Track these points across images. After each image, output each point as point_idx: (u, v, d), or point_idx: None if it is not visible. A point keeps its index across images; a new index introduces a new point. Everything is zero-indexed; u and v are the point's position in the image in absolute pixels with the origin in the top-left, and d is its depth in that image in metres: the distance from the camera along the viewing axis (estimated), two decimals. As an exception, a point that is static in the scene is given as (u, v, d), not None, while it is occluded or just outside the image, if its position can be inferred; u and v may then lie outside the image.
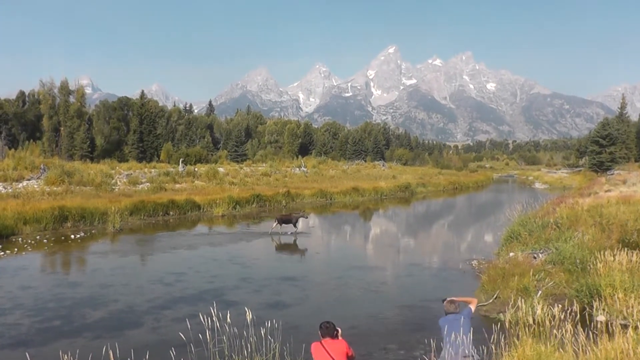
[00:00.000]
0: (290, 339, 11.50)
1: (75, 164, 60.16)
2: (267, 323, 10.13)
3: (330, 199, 54.74)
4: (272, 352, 10.53)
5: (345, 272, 22.41)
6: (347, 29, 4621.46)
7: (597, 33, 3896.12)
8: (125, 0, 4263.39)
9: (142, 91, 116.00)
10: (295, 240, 30.61)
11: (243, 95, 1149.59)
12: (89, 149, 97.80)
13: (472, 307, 9.51)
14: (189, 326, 10.93)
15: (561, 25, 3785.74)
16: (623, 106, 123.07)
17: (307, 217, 33.50)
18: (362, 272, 22.59)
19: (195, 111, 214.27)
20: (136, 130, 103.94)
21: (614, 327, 9.76)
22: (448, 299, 9.58)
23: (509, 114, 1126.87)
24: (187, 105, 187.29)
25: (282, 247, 29.02)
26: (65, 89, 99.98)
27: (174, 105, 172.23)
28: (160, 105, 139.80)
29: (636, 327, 10.02)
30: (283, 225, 32.22)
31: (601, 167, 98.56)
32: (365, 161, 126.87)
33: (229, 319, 9.75)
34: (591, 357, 9.12)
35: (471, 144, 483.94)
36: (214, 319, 9.79)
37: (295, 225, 32.18)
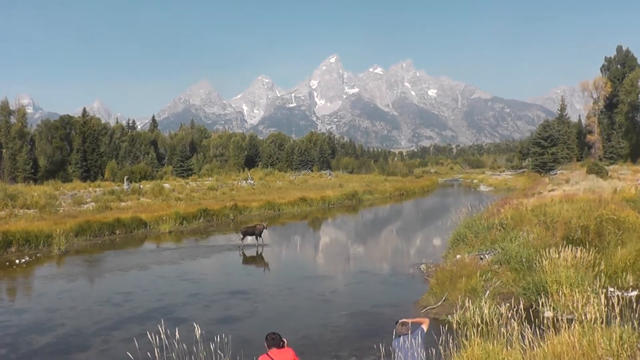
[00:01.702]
0: (240, 353, 11.43)
1: (18, 187, 58.79)
2: (217, 338, 9.99)
3: (279, 210, 54.53)
4: (222, 366, 10.42)
5: (296, 282, 22.41)
6: (287, 39, 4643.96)
7: (534, 37, 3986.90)
8: (61, 15, 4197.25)
9: (84, 109, 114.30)
10: (258, 252, 30.64)
11: (186, 110, 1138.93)
12: (32, 171, 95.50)
13: (425, 327, 9.44)
14: (137, 346, 10.74)
15: (498, 31, 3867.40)
16: (563, 108, 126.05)
17: (266, 227, 33.45)
18: (313, 281, 22.62)
19: (139, 127, 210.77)
20: (79, 149, 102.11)
21: (561, 322, 9.95)
22: (400, 320, 9.52)
23: (452, 119, 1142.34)
24: (130, 122, 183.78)
25: (232, 261, 28.79)
26: (5, 109, 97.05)
27: (117, 122, 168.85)
28: (102, 122, 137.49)
29: (581, 321, 10.22)
30: (247, 237, 32.40)
31: (544, 168, 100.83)
32: (312, 171, 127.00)
33: (177, 336, 9.59)
34: (538, 352, 9.29)
35: (415, 150, 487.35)
36: (162, 336, 9.61)
37: (259, 237, 32.16)
